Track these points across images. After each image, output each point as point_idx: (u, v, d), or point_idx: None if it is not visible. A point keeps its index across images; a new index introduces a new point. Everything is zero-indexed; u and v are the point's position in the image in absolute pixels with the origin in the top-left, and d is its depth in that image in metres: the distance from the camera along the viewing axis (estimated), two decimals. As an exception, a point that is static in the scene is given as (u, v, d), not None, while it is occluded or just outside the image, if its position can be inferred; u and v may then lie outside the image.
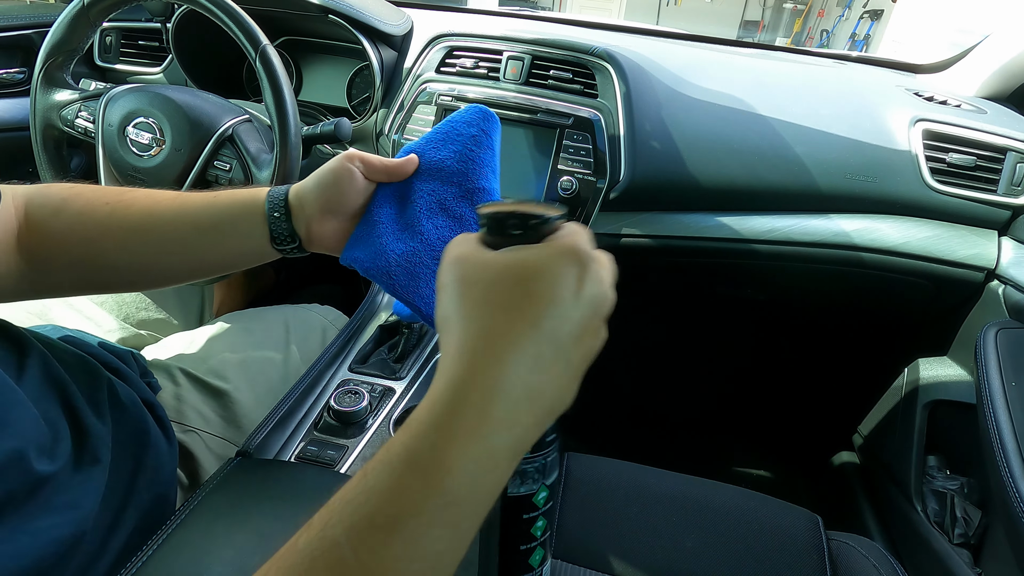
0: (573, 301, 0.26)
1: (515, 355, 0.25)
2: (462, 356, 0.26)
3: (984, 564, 0.80)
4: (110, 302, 0.83)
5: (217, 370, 0.68)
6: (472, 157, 0.44)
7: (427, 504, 0.24)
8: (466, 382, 0.25)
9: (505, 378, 0.25)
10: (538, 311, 0.26)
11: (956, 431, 0.90)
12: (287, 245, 0.46)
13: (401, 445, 0.25)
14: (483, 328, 0.26)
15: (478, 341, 0.26)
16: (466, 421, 0.25)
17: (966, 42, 1.07)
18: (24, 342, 0.46)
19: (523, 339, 0.26)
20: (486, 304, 0.26)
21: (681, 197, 0.86)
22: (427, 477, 0.24)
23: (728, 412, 1.41)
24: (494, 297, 0.26)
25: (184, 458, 0.61)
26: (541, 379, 0.26)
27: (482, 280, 0.27)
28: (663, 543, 0.61)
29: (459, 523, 0.25)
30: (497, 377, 0.25)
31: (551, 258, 0.27)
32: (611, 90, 0.82)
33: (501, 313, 0.26)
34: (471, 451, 0.24)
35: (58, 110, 0.77)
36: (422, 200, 0.44)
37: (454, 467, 0.24)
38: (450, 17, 1.10)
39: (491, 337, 0.26)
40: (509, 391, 0.25)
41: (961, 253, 0.83)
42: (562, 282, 0.26)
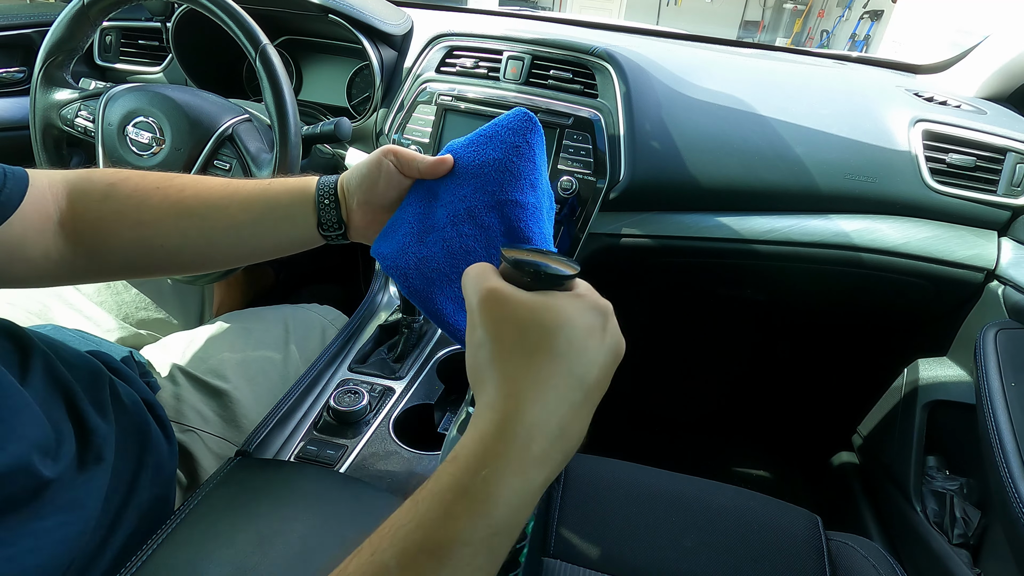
0: (599, 348, 0.29)
1: (554, 397, 0.28)
2: (506, 395, 0.28)
3: (983, 564, 0.80)
4: (109, 302, 0.83)
5: (217, 370, 0.68)
6: (511, 168, 0.42)
7: (475, 533, 0.25)
8: (512, 420, 0.27)
9: (546, 417, 0.27)
10: (572, 357, 0.28)
11: (955, 432, 0.90)
12: (333, 232, 0.48)
13: (450, 476, 0.27)
14: (525, 369, 0.28)
15: (522, 382, 0.28)
16: (513, 457, 0.27)
17: (966, 43, 1.07)
18: (27, 343, 0.46)
19: (560, 382, 0.28)
20: (525, 346, 0.28)
21: (681, 197, 0.86)
22: (475, 507, 0.26)
23: (728, 412, 1.41)
24: (532, 340, 0.28)
25: (184, 458, 0.61)
26: (572, 420, 0.28)
27: (520, 320, 0.29)
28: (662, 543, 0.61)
29: (498, 551, 0.27)
30: (539, 416, 0.27)
31: (581, 309, 0.30)
32: (611, 90, 0.82)
33: (541, 357, 0.28)
34: (515, 484, 0.26)
35: (58, 109, 0.77)
36: (452, 205, 0.43)
37: (500, 499, 0.26)
38: (450, 17, 1.10)
39: (533, 379, 0.28)
40: (547, 430, 0.27)
41: (961, 254, 0.83)
42: (592, 332, 0.29)
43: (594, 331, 0.29)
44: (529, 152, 0.43)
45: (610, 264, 0.91)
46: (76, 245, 0.47)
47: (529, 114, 0.43)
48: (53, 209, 0.46)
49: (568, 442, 0.28)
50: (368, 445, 0.61)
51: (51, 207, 0.46)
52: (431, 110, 0.87)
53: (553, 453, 0.28)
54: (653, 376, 1.43)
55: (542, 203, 0.44)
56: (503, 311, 0.29)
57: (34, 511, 0.39)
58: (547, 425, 0.27)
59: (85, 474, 0.43)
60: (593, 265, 0.87)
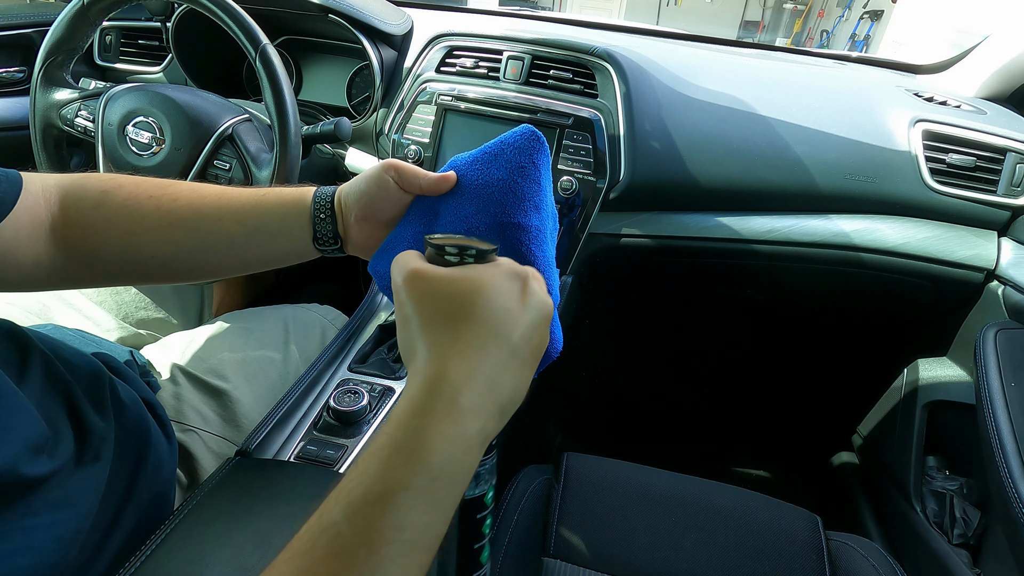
0: (520, 309, 0.32)
1: (477, 355, 0.30)
2: (432, 358, 0.30)
3: (983, 564, 0.80)
4: (109, 301, 0.83)
5: (216, 369, 0.68)
6: (515, 190, 0.41)
7: (413, 479, 0.27)
8: (438, 378, 0.30)
9: (470, 373, 0.30)
10: (493, 318, 0.31)
11: (955, 432, 0.90)
12: (329, 246, 0.47)
13: (386, 435, 0.29)
14: (449, 334, 0.31)
15: (445, 346, 0.30)
16: (441, 408, 0.29)
17: (966, 43, 1.07)
18: (27, 343, 0.46)
19: (483, 341, 0.30)
20: (447, 314, 0.31)
21: (681, 197, 0.86)
22: (411, 456, 0.28)
23: (727, 412, 1.41)
24: (454, 308, 0.31)
25: (183, 457, 0.61)
26: (500, 374, 0.31)
27: (440, 292, 0.32)
28: (662, 543, 0.61)
29: (441, 497, 0.28)
30: (464, 372, 0.30)
31: (497, 275, 0.32)
32: (611, 90, 0.82)
33: (463, 322, 0.31)
34: (447, 432, 0.28)
35: (58, 109, 0.77)
36: (453, 225, 0.42)
37: (433, 447, 0.28)
38: (450, 17, 1.10)
39: (456, 341, 0.30)
40: (474, 384, 0.30)
41: (961, 254, 0.83)
42: (509, 294, 0.32)
43: (512, 294, 0.32)
44: (535, 173, 0.42)
45: (610, 264, 0.91)
46: (67, 251, 0.46)
47: (536, 132, 0.42)
48: (45, 214, 0.46)
49: (500, 395, 0.31)
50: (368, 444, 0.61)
51: (43, 212, 0.45)
52: (431, 110, 0.87)
53: (485, 404, 0.30)
54: (653, 376, 1.43)
55: (546, 225, 0.44)
56: (425, 286, 0.32)
57: (26, 508, 0.39)
58: (472, 379, 0.30)
59: (81, 472, 0.43)
60: (593, 265, 0.87)
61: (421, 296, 0.32)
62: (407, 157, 0.87)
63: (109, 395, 0.50)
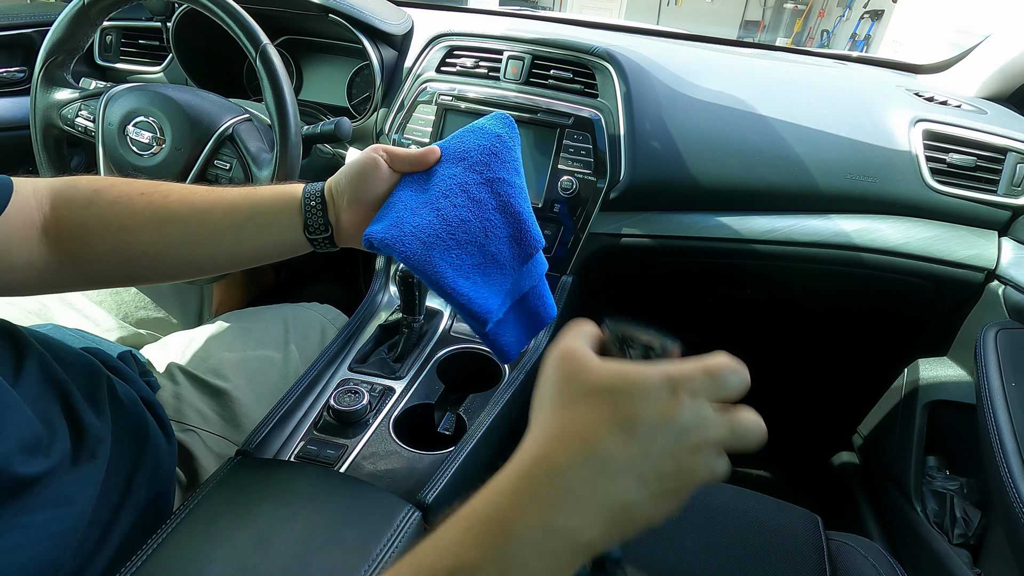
0: (660, 423, 0.27)
1: (585, 451, 0.26)
2: (540, 439, 0.28)
3: (983, 564, 0.80)
4: (109, 301, 0.83)
5: (217, 369, 0.68)
6: (496, 151, 0.47)
7: (487, 563, 0.25)
8: (537, 459, 0.27)
9: (570, 466, 0.26)
10: (618, 419, 0.27)
11: (956, 431, 0.90)
12: (320, 234, 0.48)
13: (471, 508, 0.27)
14: (566, 420, 0.28)
15: (557, 430, 0.28)
16: (528, 491, 0.26)
17: (966, 43, 1.07)
18: (23, 342, 0.46)
19: (598, 440, 0.26)
20: (575, 402, 0.28)
21: (681, 197, 0.86)
22: (489, 537, 0.26)
23: (728, 412, 1.41)
24: (585, 399, 0.28)
25: (183, 457, 0.61)
26: (609, 483, 0.26)
27: (582, 382, 0.28)
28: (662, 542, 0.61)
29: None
30: (562, 462, 0.26)
31: (650, 378, 0.27)
32: (611, 90, 0.82)
33: (587, 412, 0.27)
34: (532, 520, 0.25)
35: (58, 109, 0.77)
36: (443, 183, 0.46)
37: (512, 531, 0.25)
38: (450, 17, 1.10)
39: (569, 429, 0.27)
40: (572, 481, 0.26)
41: (961, 253, 0.83)
42: (653, 403, 0.27)
43: (656, 403, 0.27)
44: (511, 143, 0.47)
45: (610, 264, 0.91)
46: (60, 252, 0.46)
47: (507, 115, 0.48)
48: (37, 216, 0.46)
49: (606, 507, 0.26)
50: (368, 445, 0.61)
51: (35, 214, 0.46)
52: (431, 110, 0.87)
53: (583, 509, 0.26)
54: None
55: (525, 188, 0.48)
56: (569, 367, 0.29)
57: (21, 506, 0.39)
58: (572, 474, 0.26)
59: (78, 471, 0.43)
60: (593, 265, 0.87)
61: (560, 376, 0.29)
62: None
63: (106, 394, 0.50)
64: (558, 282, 0.85)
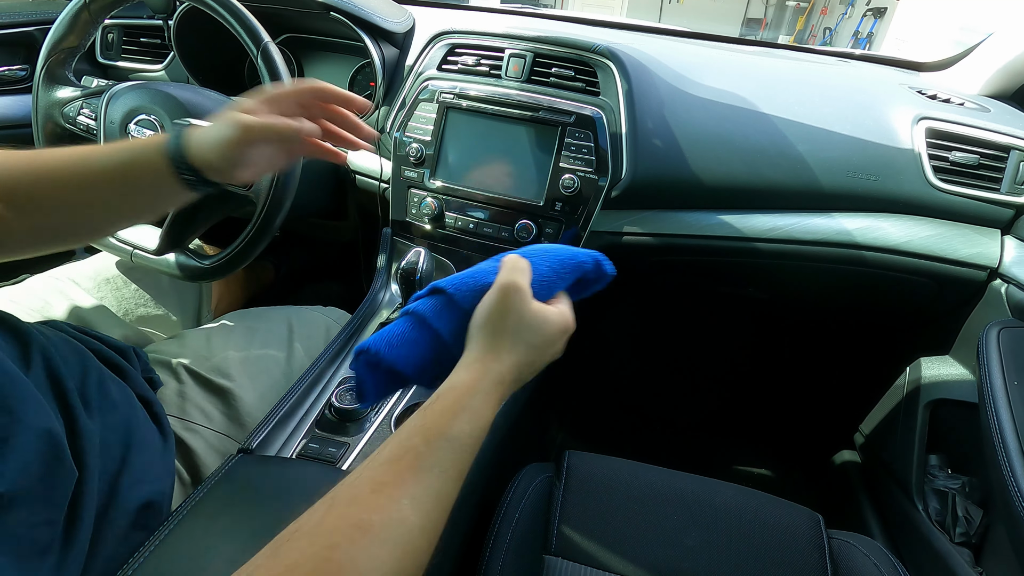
0: (557, 342, 0.47)
1: (514, 360, 0.44)
2: (486, 356, 0.44)
3: (985, 563, 0.80)
4: (109, 298, 0.83)
5: (220, 368, 0.68)
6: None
7: (473, 429, 0.40)
8: (489, 370, 0.43)
9: (509, 369, 0.44)
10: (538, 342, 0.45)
11: (958, 430, 0.89)
12: (187, 172, 0.51)
13: (453, 400, 0.40)
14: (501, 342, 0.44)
15: (498, 350, 0.44)
16: (491, 389, 0.42)
17: (970, 40, 1.07)
18: (28, 337, 0.46)
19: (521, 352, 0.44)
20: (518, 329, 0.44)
21: (683, 195, 0.86)
22: (474, 415, 0.40)
23: (729, 410, 1.41)
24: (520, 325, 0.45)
25: (186, 455, 0.61)
26: (526, 370, 0.45)
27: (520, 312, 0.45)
28: (664, 541, 0.61)
29: (481, 436, 0.41)
30: (505, 368, 0.43)
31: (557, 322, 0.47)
32: (613, 88, 0.82)
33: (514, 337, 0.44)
34: (493, 403, 0.42)
35: (60, 107, 0.77)
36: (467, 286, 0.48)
37: (486, 412, 0.41)
38: (452, 14, 1.10)
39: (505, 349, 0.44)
40: (510, 378, 0.44)
41: (964, 252, 0.83)
42: (558, 335, 0.47)
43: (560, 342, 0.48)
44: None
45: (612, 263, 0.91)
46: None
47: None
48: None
49: (523, 381, 0.45)
50: (370, 443, 0.62)
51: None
52: (433, 108, 0.87)
53: (514, 387, 0.44)
54: (655, 374, 1.43)
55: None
56: (515, 301, 0.45)
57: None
58: (510, 374, 0.43)
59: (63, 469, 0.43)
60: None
61: (507, 309, 0.44)
62: (408, 155, 0.87)
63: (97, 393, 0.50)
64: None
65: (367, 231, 1.06)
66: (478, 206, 0.85)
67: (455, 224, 0.87)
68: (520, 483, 0.70)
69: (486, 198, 0.85)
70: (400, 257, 0.80)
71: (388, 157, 0.91)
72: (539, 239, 0.84)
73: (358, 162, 0.97)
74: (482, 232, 0.86)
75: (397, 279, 0.76)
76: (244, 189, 0.72)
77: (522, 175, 0.84)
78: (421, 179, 0.87)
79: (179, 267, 0.75)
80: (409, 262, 0.73)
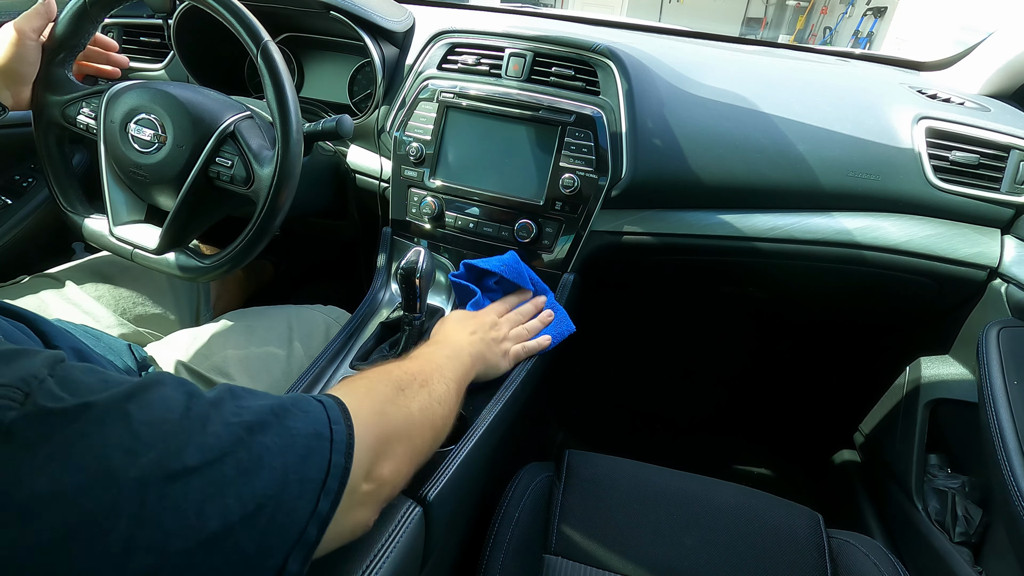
0: (489, 329, 0.70)
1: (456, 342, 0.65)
2: (444, 340, 0.65)
3: (985, 563, 0.80)
4: (107, 297, 0.83)
5: (220, 367, 0.68)
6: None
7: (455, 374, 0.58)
8: (448, 344, 0.64)
9: (455, 346, 0.64)
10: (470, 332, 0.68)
11: (957, 430, 0.90)
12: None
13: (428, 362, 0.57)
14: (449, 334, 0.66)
15: (450, 337, 0.66)
16: (453, 354, 0.61)
17: (970, 39, 1.07)
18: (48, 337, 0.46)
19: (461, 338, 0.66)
20: (460, 325, 0.69)
21: (683, 195, 0.86)
22: (455, 364, 0.59)
23: (729, 410, 1.41)
24: (461, 324, 0.69)
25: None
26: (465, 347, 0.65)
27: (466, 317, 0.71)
28: (663, 540, 0.61)
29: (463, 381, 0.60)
30: (453, 347, 0.63)
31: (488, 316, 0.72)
32: (613, 87, 0.82)
33: (463, 328, 0.68)
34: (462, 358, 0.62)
35: (60, 107, 0.77)
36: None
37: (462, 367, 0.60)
38: (452, 14, 1.10)
39: (456, 332, 0.67)
40: (454, 352, 0.62)
41: (964, 251, 0.83)
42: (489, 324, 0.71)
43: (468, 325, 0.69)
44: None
45: (612, 262, 0.91)
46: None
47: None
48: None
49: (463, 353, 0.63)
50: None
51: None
52: (433, 107, 0.87)
53: (463, 356, 0.62)
54: (655, 373, 1.43)
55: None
56: (461, 315, 0.72)
57: None
58: (453, 349, 0.62)
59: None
60: (595, 263, 0.87)
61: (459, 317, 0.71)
62: (408, 154, 0.87)
63: None
64: (560, 280, 0.85)
65: (367, 230, 1.06)
66: (478, 205, 0.85)
67: (455, 223, 0.87)
68: (520, 482, 0.70)
69: (486, 197, 0.85)
70: (400, 256, 0.80)
71: (388, 156, 0.91)
72: (539, 239, 0.84)
73: (358, 161, 0.97)
74: (482, 231, 0.86)
75: (397, 279, 0.76)
76: (244, 189, 0.72)
77: (522, 174, 0.84)
78: (421, 178, 0.87)
79: (179, 266, 0.75)
80: (409, 261, 0.73)
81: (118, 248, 0.78)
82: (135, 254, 0.77)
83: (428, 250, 0.76)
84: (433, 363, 0.56)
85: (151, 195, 0.78)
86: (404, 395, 0.47)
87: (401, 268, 0.73)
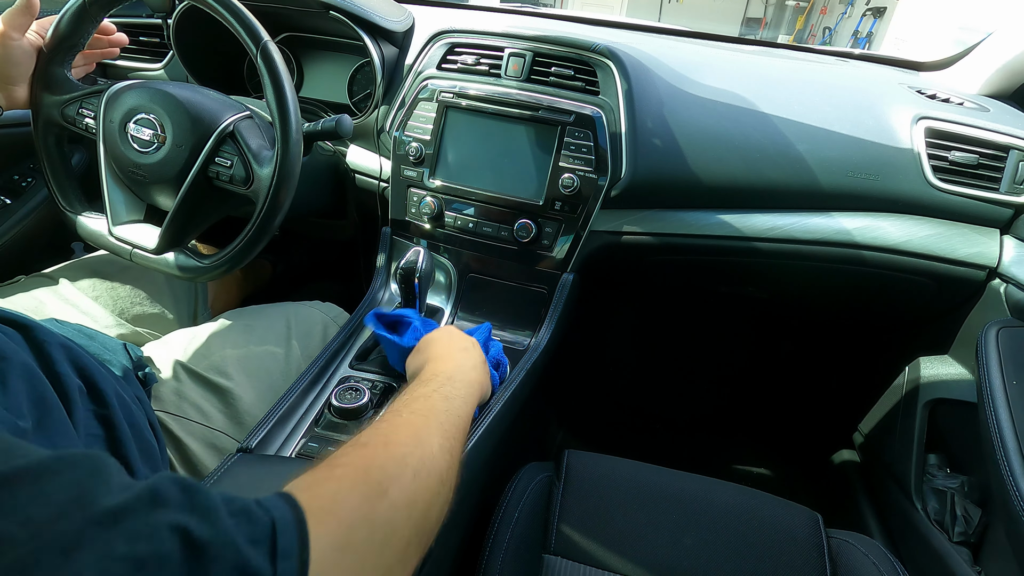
0: (469, 350, 0.63)
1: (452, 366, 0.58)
2: (441, 362, 0.58)
3: (984, 562, 0.80)
4: (104, 296, 0.83)
5: (218, 366, 0.68)
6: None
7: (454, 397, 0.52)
8: (443, 370, 0.56)
9: (451, 371, 0.56)
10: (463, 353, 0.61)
11: (957, 429, 0.90)
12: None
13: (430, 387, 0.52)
14: (448, 352, 0.60)
15: (443, 361, 0.58)
16: (448, 378, 0.54)
17: (969, 40, 1.07)
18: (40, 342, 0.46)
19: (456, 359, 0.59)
20: (449, 346, 0.62)
21: (683, 194, 0.86)
22: (453, 389, 0.53)
23: (729, 410, 1.42)
24: (452, 344, 0.62)
25: (184, 454, 0.61)
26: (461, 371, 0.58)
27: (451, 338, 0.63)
28: (663, 540, 0.61)
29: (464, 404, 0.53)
30: (450, 370, 0.56)
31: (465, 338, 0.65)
32: (613, 87, 0.82)
33: (456, 350, 0.61)
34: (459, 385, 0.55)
35: (59, 107, 0.76)
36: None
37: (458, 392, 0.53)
38: (452, 13, 1.10)
39: (449, 355, 0.60)
40: (450, 375, 0.55)
41: (963, 251, 0.83)
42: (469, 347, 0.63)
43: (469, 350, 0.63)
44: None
45: (611, 262, 0.91)
46: None
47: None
48: None
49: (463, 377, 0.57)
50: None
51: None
52: (432, 107, 0.87)
53: (459, 381, 0.55)
54: (654, 373, 1.43)
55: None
56: (450, 333, 0.65)
57: None
58: (450, 372, 0.56)
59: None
60: (594, 263, 0.87)
61: (447, 335, 0.64)
62: (408, 154, 0.87)
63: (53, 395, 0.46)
64: (559, 280, 0.85)
65: (366, 230, 1.06)
66: (477, 205, 0.85)
67: (454, 223, 0.87)
68: (519, 482, 0.70)
69: (485, 197, 0.85)
70: (399, 256, 0.80)
71: (387, 156, 0.91)
72: (539, 238, 0.84)
73: (358, 162, 0.97)
74: (481, 231, 0.86)
75: (396, 278, 0.76)
76: (244, 188, 0.71)
77: (522, 174, 0.84)
78: (420, 178, 0.87)
79: (178, 266, 0.75)
80: (408, 261, 0.73)
81: (117, 248, 0.78)
82: (134, 254, 0.77)
83: (427, 250, 0.76)
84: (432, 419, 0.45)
85: (150, 195, 0.77)
86: (387, 498, 0.34)
87: (400, 268, 0.73)
